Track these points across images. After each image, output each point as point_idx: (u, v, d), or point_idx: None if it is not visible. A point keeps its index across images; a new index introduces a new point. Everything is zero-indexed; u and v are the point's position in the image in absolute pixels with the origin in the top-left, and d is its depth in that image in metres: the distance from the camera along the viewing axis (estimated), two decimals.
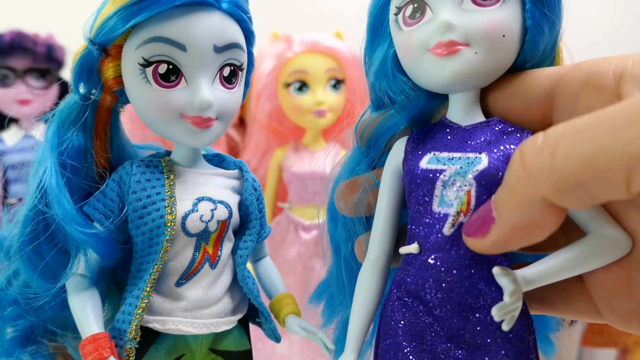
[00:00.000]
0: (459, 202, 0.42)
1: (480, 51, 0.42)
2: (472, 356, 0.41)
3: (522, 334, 0.41)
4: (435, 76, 0.44)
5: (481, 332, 0.41)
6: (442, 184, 0.43)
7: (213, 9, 0.47)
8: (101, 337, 0.47)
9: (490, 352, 0.41)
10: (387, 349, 0.44)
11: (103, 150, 0.51)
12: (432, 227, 0.43)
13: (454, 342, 0.42)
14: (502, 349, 0.41)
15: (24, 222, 0.48)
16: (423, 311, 0.43)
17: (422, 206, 0.44)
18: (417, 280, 0.43)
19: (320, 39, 1.11)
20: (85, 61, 0.48)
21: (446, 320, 0.42)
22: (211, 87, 0.48)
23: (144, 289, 0.48)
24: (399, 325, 0.44)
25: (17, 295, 0.51)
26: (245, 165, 0.56)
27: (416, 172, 0.44)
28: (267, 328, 0.56)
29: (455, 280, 0.41)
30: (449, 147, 0.44)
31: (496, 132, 0.44)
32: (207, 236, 0.50)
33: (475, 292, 0.41)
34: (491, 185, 0.41)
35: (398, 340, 0.43)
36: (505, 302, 0.38)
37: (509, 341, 0.41)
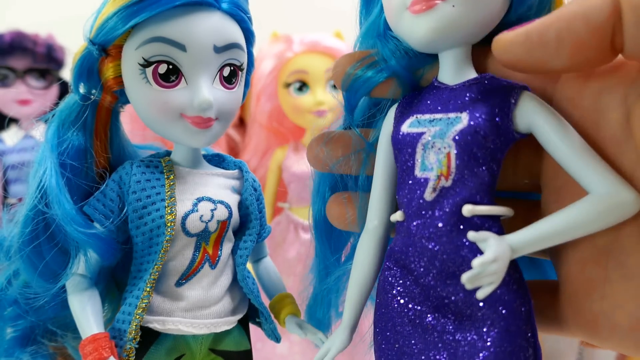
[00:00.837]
0: (438, 166, 0.40)
1: (458, 4, 0.40)
2: (459, 326, 0.39)
3: (511, 304, 0.38)
4: (415, 34, 0.42)
5: (466, 301, 0.39)
6: (422, 148, 0.41)
7: (213, 9, 0.47)
8: (101, 337, 0.47)
9: (476, 323, 0.38)
10: (380, 319, 0.43)
11: (103, 150, 0.51)
12: (414, 192, 0.41)
13: (441, 312, 0.40)
14: (489, 319, 0.38)
15: (24, 222, 0.48)
16: (410, 280, 0.41)
17: (405, 172, 0.42)
18: (403, 248, 0.41)
19: (320, 39, 1.11)
20: (85, 61, 0.48)
21: (431, 289, 0.40)
22: (211, 87, 0.48)
23: (144, 289, 0.48)
24: (389, 296, 0.42)
25: (17, 295, 0.51)
26: (245, 165, 0.56)
27: (398, 137, 0.43)
28: (267, 328, 0.56)
29: (438, 248, 0.39)
30: (432, 108, 0.42)
31: (485, 89, 0.41)
32: (207, 236, 0.50)
33: (458, 259, 0.39)
34: (472, 145, 0.39)
35: (389, 310, 0.42)
36: (475, 271, 0.36)
37: (495, 311, 0.38)
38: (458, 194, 0.39)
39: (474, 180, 0.39)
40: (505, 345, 0.37)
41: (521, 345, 0.38)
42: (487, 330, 0.38)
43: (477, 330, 0.38)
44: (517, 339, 0.38)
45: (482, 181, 0.39)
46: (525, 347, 0.38)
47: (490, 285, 0.36)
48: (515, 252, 0.37)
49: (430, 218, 0.40)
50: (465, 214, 0.39)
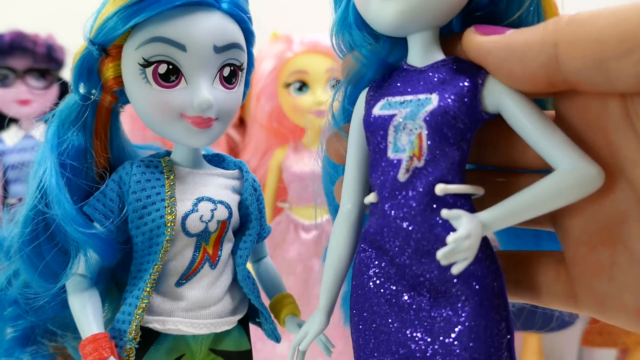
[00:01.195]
0: (411, 147, 0.40)
1: None
2: (435, 303, 0.40)
3: (484, 280, 0.39)
4: (383, 18, 0.42)
5: (440, 278, 0.40)
6: (394, 129, 0.41)
7: (213, 9, 0.47)
8: (101, 338, 0.47)
9: (451, 299, 0.39)
10: (356, 300, 0.44)
11: (103, 150, 0.51)
12: (387, 174, 0.41)
13: (416, 290, 0.41)
14: (463, 295, 0.39)
15: (24, 222, 0.48)
16: (386, 261, 0.42)
17: (378, 154, 0.43)
18: (377, 229, 0.42)
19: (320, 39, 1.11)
20: (85, 61, 0.48)
21: (406, 268, 0.41)
22: (211, 87, 0.48)
23: (144, 289, 0.48)
24: (364, 277, 0.43)
25: (17, 295, 0.51)
26: (245, 165, 0.56)
27: (370, 119, 0.43)
28: (267, 328, 0.56)
29: (412, 227, 0.40)
30: (401, 91, 0.43)
31: (452, 70, 0.42)
32: (207, 236, 0.50)
33: (432, 237, 0.39)
34: (442, 126, 0.40)
35: (365, 291, 0.43)
36: (449, 247, 0.36)
37: (469, 287, 0.39)
38: (430, 173, 0.40)
39: (446, 160, 0.40)
40: (479, 320, 0.39)
41: (494, 319, 0.39)
42: (462, 305, 0.39)
43: (452, 306, 0.39)
44: (491, 313, 0.39)
45: (453, 161, 0.40)
46: (499, 320, 0.39)
47: (464, 261, 0.37)
48: (486, 228, 0.38)
49: (404, 198, 0.41)
50: (438, 193, 0.40)
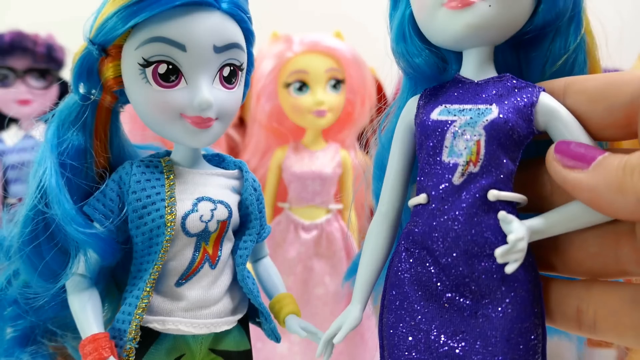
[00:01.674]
0: (468, 152, 0.43)
1: (494, 3, 0.43)
2: (477, 305, 0.42)
3: (527, 285, 0.41)
4: (450, 30, 0.44)
5: (486, 280, 0.42)
6: (452, 135, 0.44)
7: (213, 9, 0.47)
8: (101, 337, 0.47)
9: (494, 301, 0.41)
10: (394, 299, 0.45)
11: (103, 150, 0.51)
12: (441, 177, 0.43)
13: (459, 291, 0.43)
14: (507, 297, 0.41)
15: (23, 222, 0.48)
16: (429, 261, 0.44)
17: (431, 157, 0.44)
18: (425, 229, 0.44)
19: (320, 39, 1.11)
20: (85, 61, 0.48)
21: (452, 268, 0.42)
22: (211, 87, 0.48)
23: (143, 289, 0.48)
24: (406, 276, 0.45)
25: (17, 295, 0.51)
26: (245, 165, 0.56)
27: (427, 123, 0.45)
28: (267, 328, 0.56)
29: (462, 229, 0.42)
30: (460, 99, 0.45)
31: (508, 87, 0.44)
32: (207, 236, 0.50)
33: (481, 240, 0.41)
34: (500, 135, 0.42)
35: (404, 290, 0.44)
36: (509, 245, 0.39)
37: (513, 290, 0.41)
38: (484, 179, 0.42)
39: (499, 168, 0.42)
40: (520, 323, 0.41)
41: (534, 323, 0.41)
42: (505, 308, 0.41)
43: (494, 308, 0.41)
44: (532, 317, 0.41)
45: (505, 169, 0.43)
46: (537, 325, 0.42)
47: (516, 262, 0.39)
48: (533, 234, 0.41)
49: (457, 201, 0.43)
50: (491, 199, 0.42)
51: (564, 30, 0.46)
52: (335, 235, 1.12)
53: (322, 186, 1.11)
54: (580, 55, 0.46)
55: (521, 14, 0.44)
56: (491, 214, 0.42)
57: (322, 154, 1.14)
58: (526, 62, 0.48)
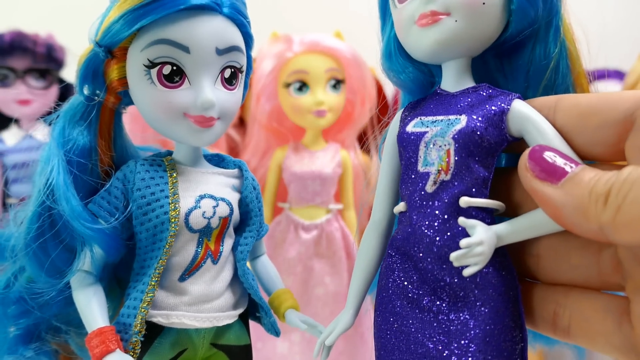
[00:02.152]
0: (439, 161, 0.44)
1: (460, 19, 0.44)
2: (453, 307, 0.43)
3: (500, 288, 0.43)
4: (421, 46, 0.46)
5: (460, 284, 0.43)
6: (424, 145, 0.45)
7: (215, 13, 0.48)
8: (107, 331, 0.48)
9: (468, 304, 0.43)
10: (380, 302, 0.47)
11: (107, 149, 0.52)
12: (416, 185, 0.45)
13: (436, 294, 0.44)
14: (479, 300, 0.43)
15: (31, 219, 0.49)
16: (410, 266, 0.45)
17: (409, 167, 0.46)
18: (404, 236, 0.46)
19: (320, 39, 1.11)
20: (91, 63, 0.49)
21: (428, 272, 0.44)
22: (213, 87, 0.50)
23: (148, 283, 0.50)
24: (389, 280, 0.47)
25: (22, 291, 0.52)
26: (244, 164, 0.57)
27: (404, 136, 0.47)
28: (267, 322, 0.57)
29: (436, 235, 0.43)
30: (434, 111, 0.47)
31: (482, 96, 0.46)
32: (209, 232, 0.51)
33: (453, 245, 0.43)
34: (469, 143, 0.43)
35: (389, 294, 0.46)
36: (463, 250, 0.40)
37: (486, 293, 0.43)
38: (456, 187, 0.44)
39: (470, 176, 0.44)
40: (494, 325, 0.42)
41: (509, 325, 0.43)
42: (478, 310, 0.42)
43: (470, 311, 0.43)
44: (505, 319, 0.42)
45: (477, 176, 0.44)
46: (513, 327, 0.43)
47: (475, 265, 0.40)
48: (501, 239, 0.42)
49: (430, 208, 0.44)
50: (462, 205, 0.43)
51: (543, 37, 0.46)
52: (335, 235, 1.13)
53: (322, 186, 1.12)
54: (562, 62, 0.47)
55: (490, 27, 0.46)
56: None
57: (322, 154, 1.14)
58: (510, 70, 0.49)
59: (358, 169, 1.20)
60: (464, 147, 0.43)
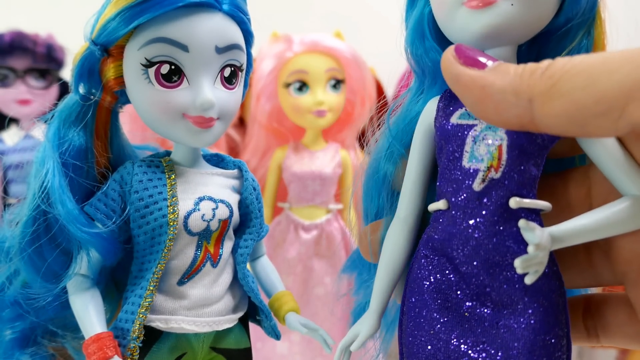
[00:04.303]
0: (489, 157, 0.41)
1: (516, 3, 0.41)
2: (498, 314, 0.41)
3: (550, 295, 0.40)
4: (469, 30, 0.43)
5: (508, 290, 0.40)
6: (472, 139, 0.42)
7: (214, 11, 0.47)
8: (105, 337, 0.47)
9: (516, 312, 0.40)
10: (413, 306, 0.44)
11: (104, 150, 0.51)
12: (461, 182, 0.42)
13: (480, 300, 0.41)
14: (529, 308, 0.40)
15: (26, 223, 0.48)
16: (449, 269, 0.42)
17: (451, 162, 0.43)
18: (445, 236, 0.42)
19: (320, 39, 1.11)
20: (86, 62, 0.48)
21: (472, 277, 0.41)
22: (212, 87, 0.49)
23: (147, 288, 0.49)
24: (425, 283, 0.43)
25: (17, 295, 0.51)
26: (244, 164, 0.56)
27: (447, 127, 0.44)
28: (267, 325, 0.56)
29: (483, 237, 0.40)
30: None
31: None
32: (209, 235, 0.51)
33: (503, 249, 0.40)
34: (523, 139, 0.40)
35: (424, 298, 0.43)
36: (529, 255, 0.37)
37: (536, 301, 0.40)
38: (506, 186, 0.41)
39: (522, 174, 0.41)
40: (544, 334, 0.39)
41: (558, 334, 0.40)
42: (527, 318, 0.39)
43: (517, 319, 0.40)
44: (555, 328, 0.39)
45: (528, 175, 0.41)
46: (561, 336, 0.40)
47: (536, 273, 0.37)
48: (556, 242, 0.39)
49: (477, 208, 0.41)
50: (512, 206, 0.40)
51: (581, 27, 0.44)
52: (335, 235, 1.13)
53: (322, 186, 1.12)
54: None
55: (545, 12, 0.42)
56: (513, 221, 0.40)
57: (322, 154, 1.14)
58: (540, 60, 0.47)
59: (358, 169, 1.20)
60: (517, 143, 0.40)
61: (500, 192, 0.41)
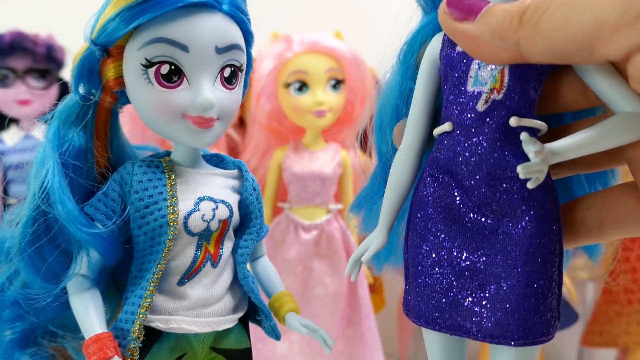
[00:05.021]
0: (492, 80, 0.44)
1: None
2: (498, 223, 0.44)
3: (545, 204, 0.44)
4: None
5: (507, 200, 0.44)
6: (477, 65, 0.45)
7: (214, 11, 0.47)
8: (105, 337, 0.47)
9: (515, 219, 0.44)
10: (418, 221, 0.47)
11: (104, 150, 0.51)
12: (465, 105, 0.45)
13: (481, 211, 0.45)
14: (526, 215, 0.44)
15: (26, 223, 0.48)
16: (453, 185, 0.46)
17: (456, 87, 0.46)
18: (449, 155, 0.46)
19: (320, 39, 1.11)
20: (86, 62, 0.48)
21: (475, 190, 0.45)
22: (212, 87, 0.49)
23: (147, 288, 0.49)
24: (429, 199, 0.47)
25: (17, 296, 0.51)
26: (244, 165, 0.56)
27: (452, 55, 0.47)
28: (267, 326, 0.56)
29: (486, 153, 0.44)
30: None
31: None
32: (209, 235, 0.51)
33: (503, 163, 0.44)
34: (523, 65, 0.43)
35: (428, 212, 0.47)
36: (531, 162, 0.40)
37: (533, 208, 0.44)
38: (507, 106, 0.44)
39: (522, 96, 0.44)
40: (539, 238, 0.44)
41: (552, 239, 0.44)
42: (524, 225, 0.44)
43: (515, 225, 0.44)
44: (550, 233, 0.44)
45: (527, 97, 0.45)
46: (555, 241, 0.45)
47: (537, 180, 0.41)
48: (555, 155, 0.42)
49: (481, 127, 0.45)
50: (512, 124, 0.44)
51: None
52: (335, 236, 1.13)
53: (322, 186, 1.12)
54: None
55: None
56: (513, 138, 0.44)
57: (322, 154, 1.14)
58: None
59: (358, 169, 1.20)
60: (518, 68, 0.44)
61: (502, 112, 0.44)
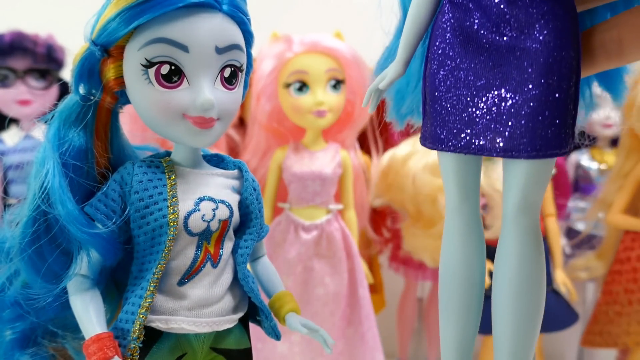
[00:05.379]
0: None
1: None
2: (516, 40, 0.45)
3: (565, 20, 0.45)
4: None
5: (526, 16, 0.45)
6: None
7: (215, 11, 0.47)
8: (105, 337, 0.47)
9: (533, 34, 0.45)
10: (436, 49, 0.48)
11: (104, 150, 0.51)
12: None
13: (499, 30, 0.46)
14: (545, 29, 0.44)
15: (26, 223, 0.48)
16: (471, 8, 0.47)
17: None
18: None
19: (320, 39, 1.11)
20: (86, 62, 0.48)
21: (493, 7, 0.46)
22: (212, 87, 0.49)
23: (147, 288, 0.49)
24: (448, 24, 0.48)
25: (18, 296, 0.51)
26: (244, 165, 0.56)
27: None
28: (268, 326, 0.56)
29: None
30: None
31: None
32: (209, 235, 0.51)
33: None
34: None
35: (446, 37, 0.48)
36: None
37: (551, 22, 0.44)
38: None
39: None
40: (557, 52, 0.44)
41: (570, 55, 0.45)
42: (544, 37, 0.44)
43: (533, 40, 0.45)
44: (568, 48, 0.45)
45: None
46: (573, 57, 0.45)
47: None
48: None
49: None
50: None
51: None
52: (335, 236, 1.13)
53: (322, 186, 1.12)
54: None
55: None
56: None
57: (322, 154, 1.14)
58: None
59: (358, 169, 1.20)
60: None
61: None
